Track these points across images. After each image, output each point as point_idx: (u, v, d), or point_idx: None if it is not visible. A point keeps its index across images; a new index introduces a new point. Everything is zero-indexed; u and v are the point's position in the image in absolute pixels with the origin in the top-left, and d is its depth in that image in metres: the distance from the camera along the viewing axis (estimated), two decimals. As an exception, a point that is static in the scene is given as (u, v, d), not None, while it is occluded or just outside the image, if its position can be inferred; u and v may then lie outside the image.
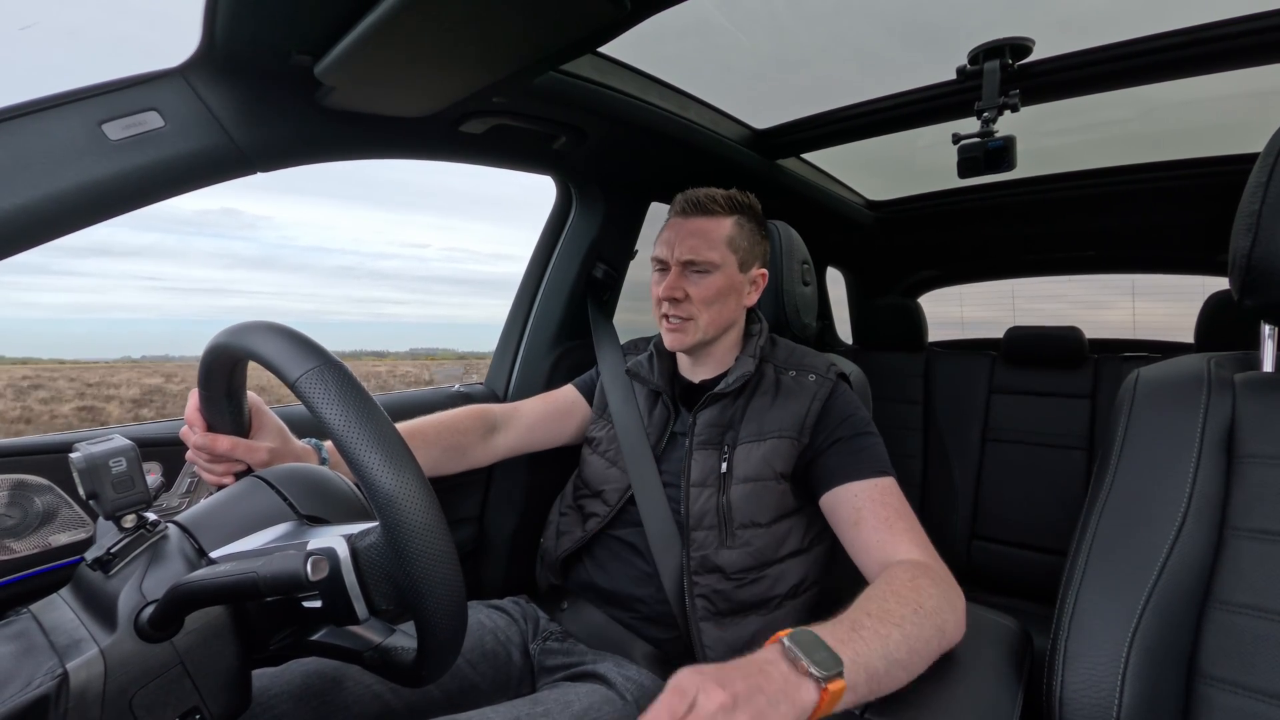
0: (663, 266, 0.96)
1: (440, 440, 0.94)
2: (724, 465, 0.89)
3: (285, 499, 0.55)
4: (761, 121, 1.37)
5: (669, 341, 0.96)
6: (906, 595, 0.65)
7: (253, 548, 0.50)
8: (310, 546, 0.45)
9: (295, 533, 0.52)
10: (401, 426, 0.88)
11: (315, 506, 0.55)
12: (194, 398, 0.64)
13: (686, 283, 0.93)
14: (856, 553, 0.81)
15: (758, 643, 0.85)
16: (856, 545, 0.80)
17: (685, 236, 0.93)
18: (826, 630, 0.56)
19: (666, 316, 0.94)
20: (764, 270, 1.00)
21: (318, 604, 0.48)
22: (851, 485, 0.83)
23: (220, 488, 0.68)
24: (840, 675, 0.51)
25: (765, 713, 0.46)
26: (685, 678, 0.48)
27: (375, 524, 0.46)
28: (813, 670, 0.50)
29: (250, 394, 0.68)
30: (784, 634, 0.53)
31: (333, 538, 0.46)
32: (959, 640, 0.69)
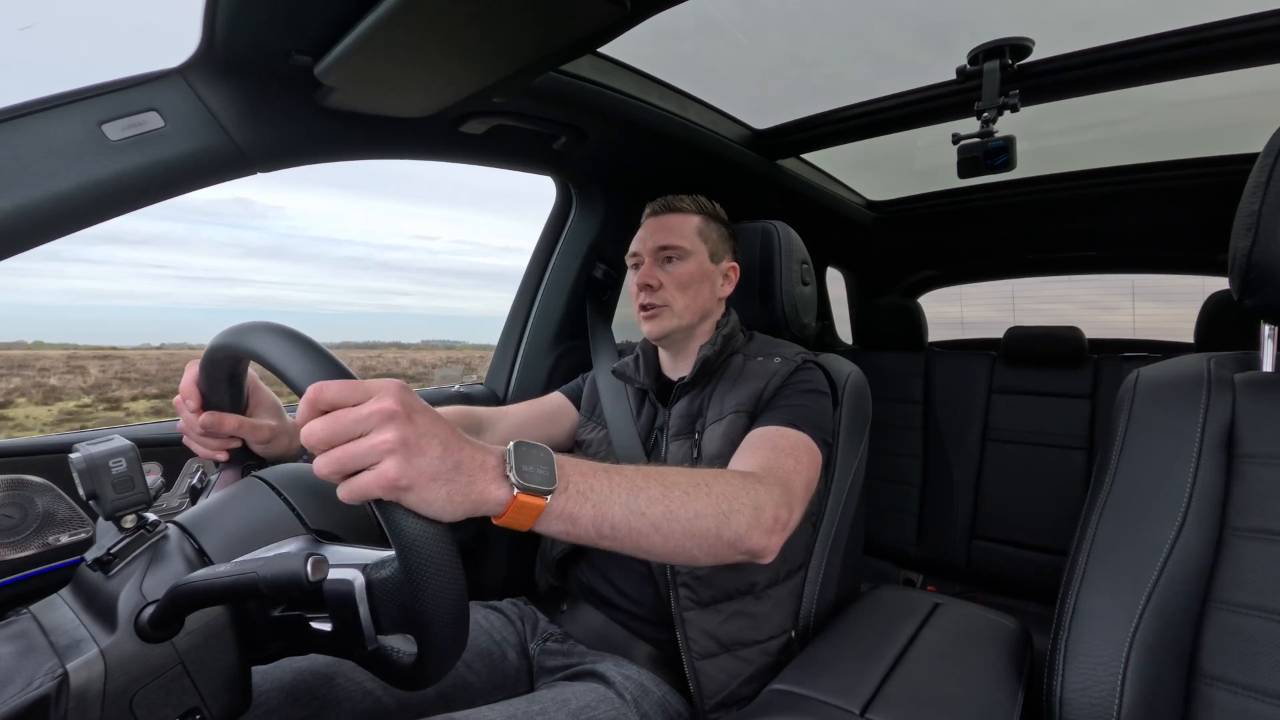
0: (637, 261, 1.01)
1: None
2: (695, 451, 0.91)
3: (293, 509, 0.54)
4: (761, 121, 1.37)
5: (647, 330, 0.99)
6: (700, 475, 0.64)
7: None
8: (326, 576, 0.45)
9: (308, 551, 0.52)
10: None
11: (321, 516, 0.55)
12: (192, 371, 0.63)
13: (660, 272, 0.98)
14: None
15: (745, 636, 0.87)
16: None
17: (656, 230, 1.00)
18: (574, 461, 0.55)
19: (644, 306, 0.98)
20: (735, 264, 1.05)
21: (327, 627, 0.49)
22: (757, 429, 0.84)
23: (216, 463, 0.67)
24: (544, 494, 0.50)
25: (433, 477, 0.45)
26: (396, 388, 0.46)
27: (389, 554, 0.47)
28: (511, 476, 0.49)
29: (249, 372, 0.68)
30: (524, 441, 0.52)
31: (348, 569, 0.46)
32: (763, 548, 0.67)
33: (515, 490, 0.49)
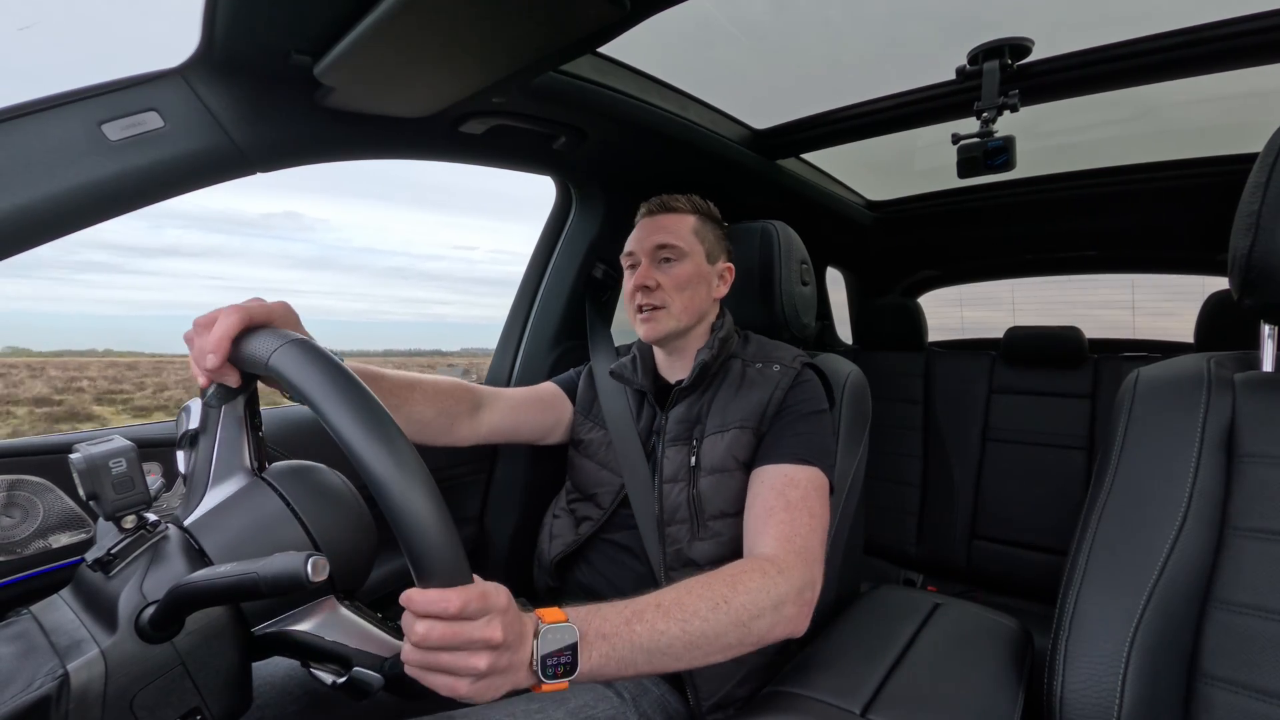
0: (633, 262, 0.99)
1: (437, 400, 0.91)
2: (693, 459, 0.91)
3: (305, 527, 0.54)
4: (761, 121, 1.37)
5: (644, 332, 0.97)
6: (718, 589, 0.67)
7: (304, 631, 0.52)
8: (355, 672, 0.51)
9: (338, 625, 0.53)
10: (401, 378, 0.87)
11: (327, 522, 0.55)
12: (233, 322, 0.53)
13: (657, 272, 0.96)
14: (743, 536, 0.83)
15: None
16: (744, 529, 0.83)
17: (653, 231, 0.98)
18: (597, 620, 0.60)
19: (640, 308, 0.96)
20: (730, 265, 1.04)
21: (328, 678, 0.52)
22: (766, 468, 0.85)
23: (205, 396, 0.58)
24: (566, 679, 0.56)
25: (496, 680, 0.51)
26: (505, 605, 0.51)
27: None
28: (536, 671, 0.54)
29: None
30: (552, 620, 0.57)
31: (371, 672, 0.51)
32: (790, 633, 0.72)
33: (541, 683, 0.55)
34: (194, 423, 0.56)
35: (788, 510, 0.80)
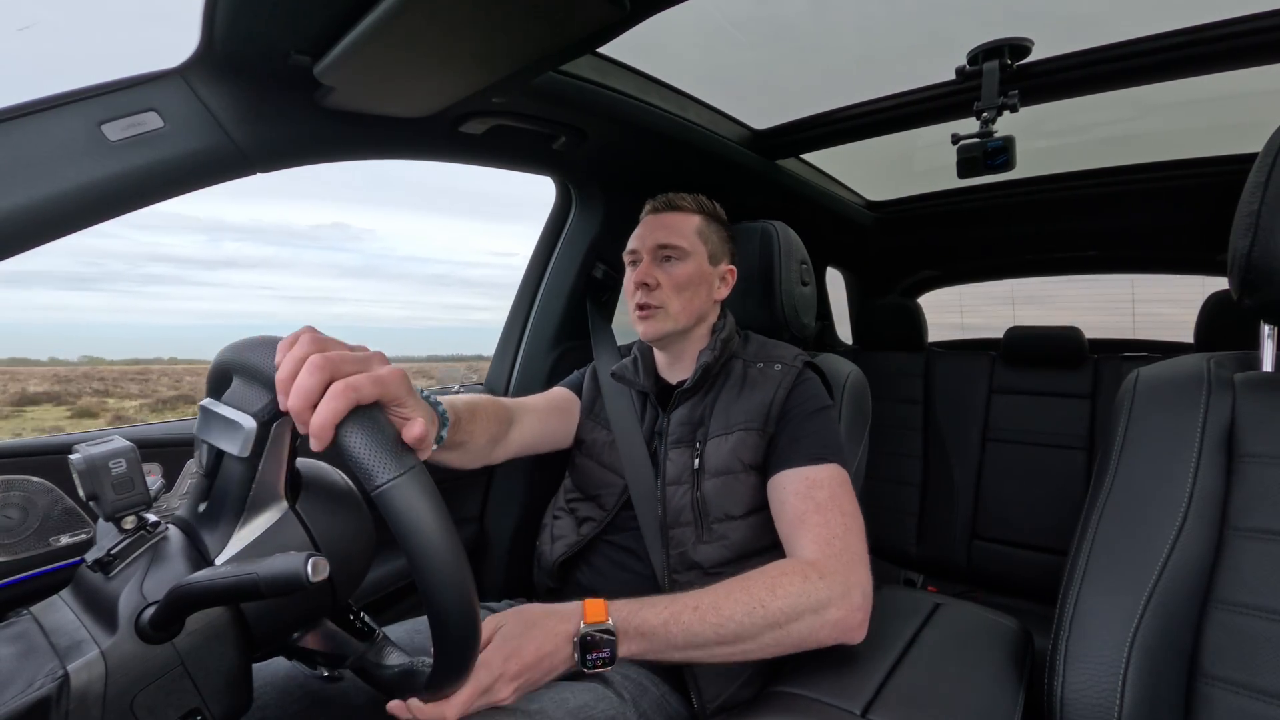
0: (635, 259, 0.99)
1: (489, 426, 0.88)
2: (696, 461, 0.90)
3: (312, 538, 0.53)
4: (761, 122, 1.37)
5: (643, 330, 0.97)
6: (755, 593, 0.70)
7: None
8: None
9: (320, 632, 0.57)
10: (470, 404, 0.83)
11: (337, 536, 0.55)
12: (340, 407, 0.44)
13: (658, 271, 0.96)
14: (782, 547, 0.83)
15: None
16: (780, 538, 0.83)
17: (657, 229, 0.98)
18: (636, 620, 0.67)
19: (640, 306, 0.96)
20: (732, 267, 1.04)
21: (323, 673, 0.55)
22: (785, 473, 0.85)
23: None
24: (607, 666, 0.66)
25: (535, 680, 0.64)
26: (513, 673, 0.62)
27: (410, 662, 0.54)
28: (577, 658, 0.65)
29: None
30: (593, 620, 0.66)
31: (340, 670, 0.56)
32: (842, 638, 0.73)
33: (584, 670, 0.65)
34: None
35: (819, 513, 0.79)
